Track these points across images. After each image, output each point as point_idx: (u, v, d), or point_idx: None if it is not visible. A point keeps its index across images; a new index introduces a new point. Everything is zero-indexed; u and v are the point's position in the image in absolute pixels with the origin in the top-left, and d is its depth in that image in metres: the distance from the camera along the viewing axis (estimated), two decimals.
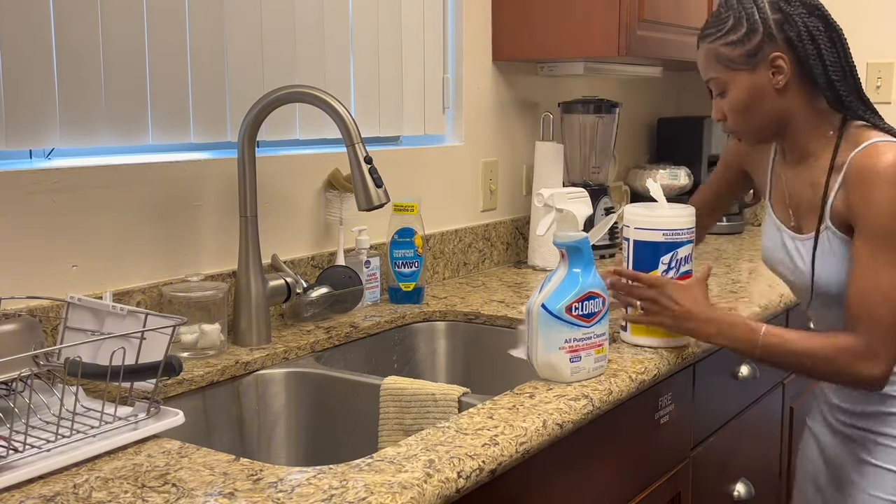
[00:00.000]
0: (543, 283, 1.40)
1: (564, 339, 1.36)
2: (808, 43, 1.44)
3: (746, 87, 1.48)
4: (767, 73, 1.46)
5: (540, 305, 1.37)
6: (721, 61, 1.49)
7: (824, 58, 1.44)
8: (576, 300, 1.37)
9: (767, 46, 1.45)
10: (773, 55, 1.45)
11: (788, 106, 1.49)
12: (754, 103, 1.49)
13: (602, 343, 1.41)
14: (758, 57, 1.46)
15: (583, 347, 1.38)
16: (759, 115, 1.50)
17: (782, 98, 1.48)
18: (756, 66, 1.47)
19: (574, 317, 1.37)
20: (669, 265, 1.55)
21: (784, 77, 1.46)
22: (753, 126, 1.52)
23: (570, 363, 1.37)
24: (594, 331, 1.39)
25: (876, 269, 1.39)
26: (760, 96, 1.48)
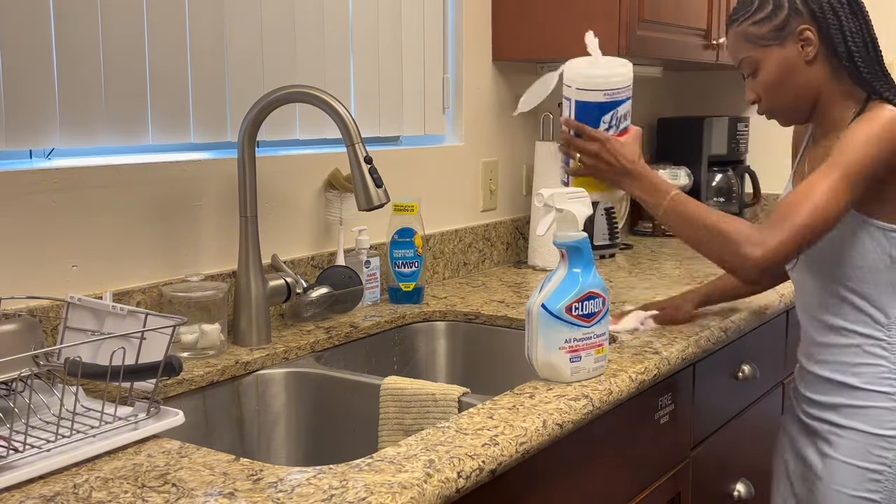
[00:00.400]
0: (543, 283, 1.40)
1: (564, 339, 1.36)
2: (829, 14, 1.49)
3: (777, 62, 1.52)
4: (796, 46, 1.51)
5: (540, 305, 1.37)
6: (750, 40, 1.54)
7: (844, 29, 1.49)
8: (576, 300, 1.36)
9: (794, 20, 1.50)
10: (800, 27, 1.50)
11: (818, 79, 1.52)
12: (786, 78, 1.53)
13: (602, 343, 1.41)
14: (785, 31, 1.51)
15: (583, 347, 1.38)
16: (792, 90, 1.53)
17: (812, 71, 1.52)
18: (785, 40, 1.51)
19: (574, 317, 1.36)
20: (610, 123, 1.61)
21: (813, 48, 1.50)
22: (787, 102, 1.55)
23: (570, 363, 1.37)
24: (594, 331, 1.39)
25: (815, 179, 1.41)
26: (791, 70, 1.52)
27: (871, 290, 1.51)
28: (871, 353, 1.52)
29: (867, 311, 1.52)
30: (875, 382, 1.52)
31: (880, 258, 1.49)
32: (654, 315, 1.72)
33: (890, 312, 1.51)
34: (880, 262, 1.49)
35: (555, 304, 1.36)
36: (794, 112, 1.58)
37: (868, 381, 1.52)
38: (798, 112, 1.58)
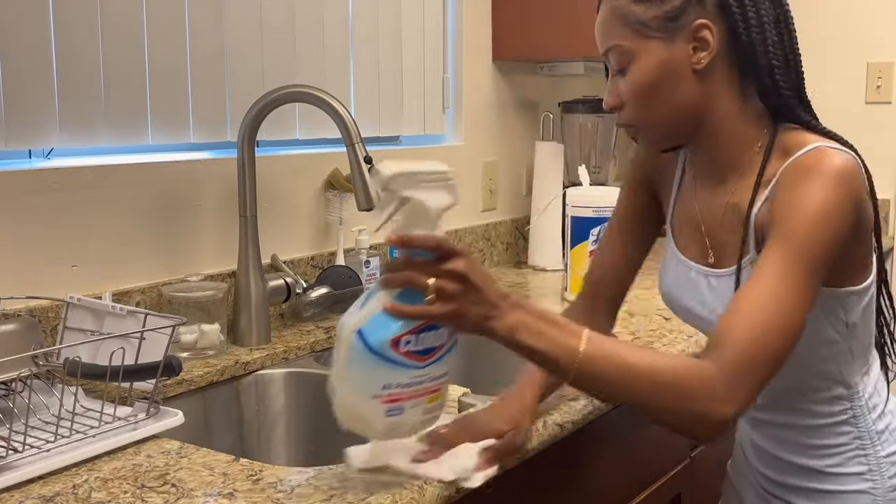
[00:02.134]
0: (369, 293, 0.97)
1: (382, 385, 0.94)
2: (750, 11, 1.10)
3: (657, 63, 1.10)
4: (687, 46, 1.10)
5: (355, 332, 0.94)
6: (629, 24, 1.11)
7: (767, 36, 1.10)
8: (409, 331, 0.94)
9: (693, 10, 1.09)
10: (697, 23, 1.09)
11: (709, 95, 1.12)
12: (664, 85, 1.11)
13: (439, 388, 1.00)
14: (678, 22, 1.09)
15: (409, 395, 0.96)
16: (669, 104, 1.13)
17: (702, 84, 1.12)
18: (674, 34, 1.10)
19: (403, 354, 0.94)
20: (598, 236, 1.70)
21: (708, 54, 1.10)
22: (659, 118, 1.14)
23: (385, 417, 0.96)
24: (430, 372, 0.97)
25: (771, 287, 1.02)
26: (674, 77, 1.11)
27: (831, 367, 1.20)
28: (839, 433, 1.23)
29: (830, 388, 1.22)
30: (844, 463, 1.23)
31: (834, 326, 1.17)
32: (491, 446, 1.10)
33: (851, 381, 1.21)
34: (835, 332, 1.17)
35: (377, 334, 0.93)
36: (666, 131, 1.17)
37: (838, 462, 1.23)
38: (672, 132, 1.17)
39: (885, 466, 1.24)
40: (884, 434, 1.24)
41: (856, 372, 1.22)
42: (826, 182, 1.05)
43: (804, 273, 1.03)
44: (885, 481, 1.23)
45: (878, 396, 1.25)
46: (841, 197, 1.05)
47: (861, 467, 1.23)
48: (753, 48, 1.10)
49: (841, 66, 3.04)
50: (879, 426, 1.24)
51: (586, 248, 1.95)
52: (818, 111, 1.18)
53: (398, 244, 0.98)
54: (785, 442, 1.27)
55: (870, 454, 1.23)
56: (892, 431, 1.25)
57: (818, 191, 1.05)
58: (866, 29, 2.99)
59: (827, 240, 1.04)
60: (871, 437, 1.23)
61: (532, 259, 2.44)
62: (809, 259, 1.03)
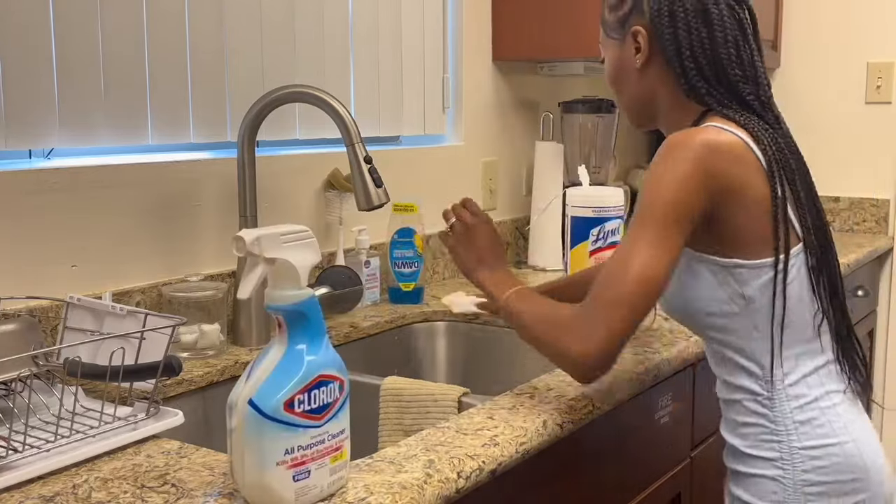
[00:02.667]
0: (252, 365, 0.99)
1: (284, 450, 0.95)
2: (665, 19, 1.26)
3: (613, 59, 1.35)
4: (631, 48, 1.31)
5: (246, 402, 0.95)
6: (603, 26, 1.37)
7: (680, 39, 1.25)
8: (300, 390, 0.96)
9: (635, 16, 1.29)
10: (633, 28, 1.29)
11: (650, 90, 1.32)
12: (620, 78, 1.35)
13: (341, 445, 1.01)
14: (625, 27, 1.31)
15: (312, 457, 0.97)
16: (626, 94, 1.36)
17: (644, 79, 1.31)
18: (624, 37, 1.32)
19: (298, 415, 0.95)
20: (598, 236, 1.74)
21: (642, 56, 1.29)
22: (624, 104, 1.38)
23: (293, 483, 0.96)
24: (328, 430, 0.98)
25: (629, 243, 1.19)
26: (624, 72, 1.33)
27: (735, 340, 1.27)
28: (751, 411, 1.28)
29: (740, 362, 1.28)
30: (757, 446, 1.28)
31: (731, 299, 1.24)
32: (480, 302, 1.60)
33: (763, 362, 1.26)
34: (734, 305, 1.24)
35: (268, 399, 0.94)
36: (634, 116, 1.38)
37: (751, 444, 1.29)
38: (637, 117, 1.38)
39: (798, 458, 1.25)
40: (804, 426, 1.25)
41: (764, 352, 1.25)
42: (672, 154, 1.20)
43: (652, 230, 1.17)
44: (797, 473, 1.25)
45: (805, 387, 1.26)
46: (682, 165, 1.18)
47: (772, 453, 1.27)
48: (668, 52, 1.27)
49: (841, 66, 3.04)
50: (800, 417, 1.25)
51: (586, 248, 1.94)
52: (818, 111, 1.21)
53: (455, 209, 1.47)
54: (724, 420, 1.35)
55: (783, 442, 1.26)
56: (817, 427, 1.25)
57: (661, 162, 1.20)
58: (866, 29, 2.99)
59: (668, 201, 1.17)
60: (786, 424, 1.26)
61: (532, 259, 2.44)
62: (653, 218, 1.18)
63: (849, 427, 1.27)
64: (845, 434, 1.26)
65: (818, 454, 1.25)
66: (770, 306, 1.23)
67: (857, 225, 3.07)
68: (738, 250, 1.22)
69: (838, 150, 3.05)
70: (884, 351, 3.05)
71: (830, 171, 3.05)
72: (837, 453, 1.25)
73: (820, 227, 1.28)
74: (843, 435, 1.26)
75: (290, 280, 0.99)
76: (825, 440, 1.25)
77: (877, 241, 2.89)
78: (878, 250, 2.87)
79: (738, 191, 1.20)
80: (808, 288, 1.25)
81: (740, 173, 1.20)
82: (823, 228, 1.29)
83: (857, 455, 1.26)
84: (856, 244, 2.81)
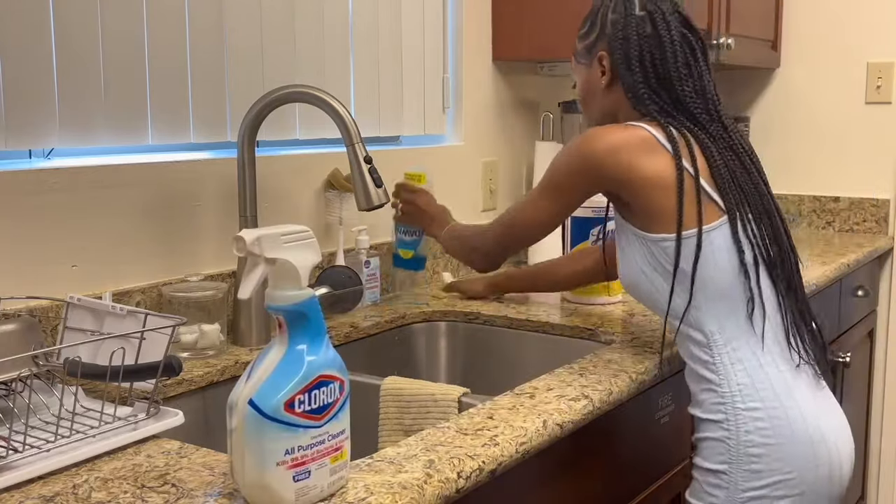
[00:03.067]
0: (253, 365, 0.99)
1: (284, 450, 0.95)
2: (620, 42, 1.45)
3: (583, 82, 1.55)
4: (597, 70, 1.50)
5: (247, 403, 0.95)
6: (575, 54, 1.57)
7: (631, 58, 1.44)
8: (300, 391, 0.96)
9: (599, 43, 1.50)
10: (599, 53, 1.49)
11: (615, 104, 1.50)
12: (589, 98, 1.54)
13: (341, 445, 1.01)
14: (591, 53, 1.51)
15: (312, 457, 0.97)
16: (595, 111, 1.55)
17: (609, 96, 1.50)
18: (591, 61, 1.51)
19: (298, 415, 0.96)
20: (598, 236, 1.88)
21: (606, 77, 1.49)
22: (594, 121, 1.55)
23: (293, 483, 0.96)
24: (328, 430, 0.99)
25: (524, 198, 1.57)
26: (592, 92, 1.53)
27: (676, 307, 1.39)
28: (702, 378, 1.40)
29: (685, 331, 1.40)
30: (708, 409, 1.39)
31: (665, 269, 1.39)
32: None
33: (706, 330, 1.38)
34: (668, 275, 1.39)
35: (268, 399, 0.95)
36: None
37: (704, 409, 1.39)
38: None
39: (742, 419, 1.35)
40: (748, 389, 1.35)
41: (707, 321, 1.38)
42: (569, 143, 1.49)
43: (538, 192, 1.53)
44: (741, 434, 1.34)
45: (749, 352, 1.36)
46: (571, 150, 1.47)
47: (719, 415, 1.37)
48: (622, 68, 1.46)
49: (841, 66, 3.04)
50: (744, 379, 1.35)
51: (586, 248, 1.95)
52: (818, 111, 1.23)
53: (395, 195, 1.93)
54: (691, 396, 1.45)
55: (727, 404, 1.36)
56: (761, 390, 1.34)
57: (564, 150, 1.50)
58: (866, 29, 2.99)
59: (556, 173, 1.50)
60: (731, 387, 1.36)
61: (532, 259, 2.44)
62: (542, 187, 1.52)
63: (795, 394, 1.35)
64: (790, 400, 1.34)
65: (760, 416, 1.34)
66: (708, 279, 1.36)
67: (857, 225, 3.07)
68: (661, 224, 1.38)
69: (838, 150, 3.05)
70: (884, 351, 3.05)
71: (830, 171, 3.05)
72: (780, 416, 1.33)
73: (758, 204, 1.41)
74: (787, 400, 1.34)
75: (291, 280, 0.99)
76: (767, 402, 1.34)
77: (877, 241, 2.89)
78: (878, 250, 2.87)
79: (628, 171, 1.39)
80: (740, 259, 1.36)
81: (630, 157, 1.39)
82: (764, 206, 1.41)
83: (800, 421, 1.33)
84: (856, 244, 2.81)
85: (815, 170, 3.09)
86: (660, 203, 1.38)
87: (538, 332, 1.83)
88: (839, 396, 2.66)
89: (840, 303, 2.63)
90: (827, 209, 3.08)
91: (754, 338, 1.37)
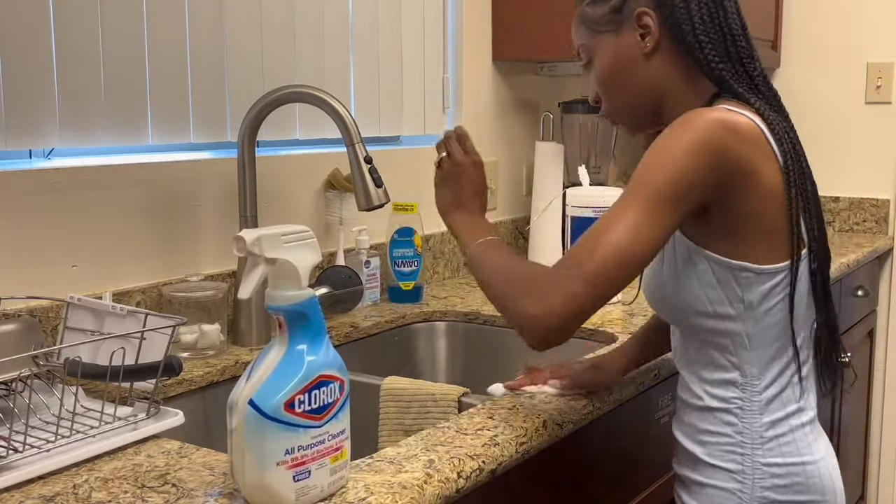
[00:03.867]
0: (253, 365, 0.99)
1: (284, 450, 0.95)
2: None
3: (611, 53, 1.24)
4: (634, 34, 1.22)
5: (247, 402, 0.95)
6: (587, 23, 1.27)
7: (693, 13, 1.19)
8: (300, 391, 0.96)
9: (633, 1, 1.22)
10: (638, 11, 1.21)
11: (661, 76, 1.23)
12: (622, 72, 1.24)
13: (341, 445, 1.01)
14: (622, 14, 1.23)
15: (312, 457, 0.97)
16: (629, 88, 1.25)
17: (653, 66, 1.22)
18: (621, 25, 1.23)
19: (298, 415, 0.95)
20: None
21: (652, 38, 1.21)
22: (625, 102, 1.27)
23: (293, 483, 0.96)
24: (328, 430, 0.98)
25: (615, 211, 1.11)
26: (628, 63, 1.23)
27: (722, 342, 1.21)
28: (719, 420, 1.23)
29: (721, 366, 1.22)
30: (718, 455, 1.23)
31: (730, 301, 1.18)
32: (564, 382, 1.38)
33: (747, 370, 1.20)
34: (730, 307, 1.18)
35: (268, 399, 0.95)
36: (635, 116, 1.28)
37: (711, 452, 1.24)
38: (640, 116, 1.28)
39: (760, 473, 1.21)
40: (772, 442, 1.21)
41: (753, 362, 1.20)
42: (675, 129, 1.12)
43: (638, 202, 1.09)
44: (756, 489, 1.21)
45: (780, 402, 1.21)
46: (686, 139, 1.10)
47: (734, 465, 1.22)
48: (681, 27, 1.19)
49: (841, 66, 3.04)
50: (769, 433, 1.21)
51: None
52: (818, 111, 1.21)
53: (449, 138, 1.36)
54: (682, 424, 1.29)
55: (747, 454, 1.21)
56: (784, 444, 1.21)
57: (668, 134, 1.12)
58: (866, 29, 2.99)
59: (668, 174, 1.09)
60: (753, 437, 1.21)
61: (532, 259, 2.44)
62: (646, 190, 1.09)
63: (813, 447, 1.23)
64: (810, 454, 1.22)
65: (780, 472, 1.21)
66: (770, 319, 1.18)
67: (857, 225, 3.07)
68: (744, 252, 1.16)
69: (838, 150, 3.05)
70: (884, 351, 3.05)
71: (830, 171, 3.05)
72: (799, 473, 1.21)
73: (823, 231, 1.23)
74: (807, 455, 1.22)
75: (291, 280, 0.99)
76: (790, 458, 1.21)
77: (877, 241, 2.89)
78: (878, 250, 2.87)
79: (751, 175, 1.13)
80: (808, 298, 1.21)
81: (754, 158, 1.13)
82: (824, 233, 1.24)
83: (817, 476, 1.22)
84: (856, 244, 2.81)
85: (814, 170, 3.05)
86: (759, 212, 1.14)
87: None
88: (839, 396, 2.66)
89: (840, 303, 2.63)
90: (827, 209, 3.08)
91: (787, 384, 1.21)
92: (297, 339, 0.98)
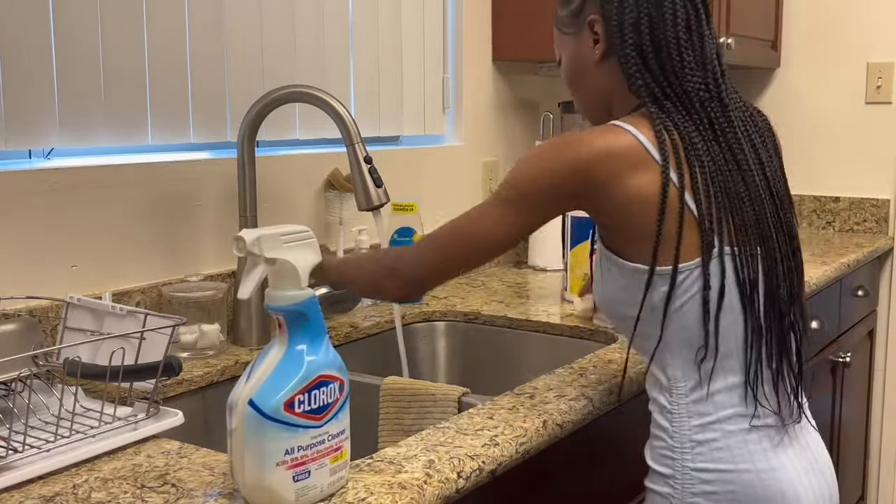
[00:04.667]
0: (252, 365, 0.99)
1: (284, 450, 0.95)
2: (615, 5, 1.19)
3: (570, 55, 1.27)
4: (589, 40, 1.23)
5: (246, 402, 0.95)
6: (556, 24, 1.30)
7: (624, 25, 1.18)
8: (300, 391, 0.96)
9: (588, 6, 1.22)
10: (590, 18, 1.22)
11: (609, 85, 1.23)
12: (578, 74, 1.27)
13: (341, 445, 1.01)
14: (580, 18, 1.24)
15: (312, 457, 0.97)
16: (585, 90, 1.28)
17: (601, 72, 1.24)
18: (579, 29, 1.24)
19: (298, 415, 0.95)
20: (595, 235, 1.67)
21: (600, 46, 1.22)
22: (583, 102, 1.30)
23: (293, 483, 0.96)
24: (328, 430, 0.98)
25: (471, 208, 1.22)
26: (583, 66, 1.26)
27: (647, 344, 1.21)
28: (656, 423, 1.23)
29: (651, 370, 1.23)
30: (656, 459, 1.22)
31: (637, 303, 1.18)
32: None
33: (670, 373, 1.20)
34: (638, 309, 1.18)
35: (268, 399, 0.94)
36: (592, 116, 1.30)
37: (653, 456, 1.24)
38: (598, 114, 1.28)
39: (689, 479, 1.19)
40: (701, 447, 1.18)
41: (676, 365, 1.19)
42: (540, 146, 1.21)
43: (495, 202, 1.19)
44: (686, 495, 1.19)
45: (711, 405, 1.18)
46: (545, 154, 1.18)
47: (667, 469, 1.21)
48: (614, 39, 1.20)
49: (841, 66, 3.04)
50: (698, 437, 1.18)
51: (586, 248, 1.94)
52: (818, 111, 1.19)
53: None
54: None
55: (677, 460, 1.20)
56: (715, 450, 1.18)
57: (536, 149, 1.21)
58: (866, 29, 2.99)
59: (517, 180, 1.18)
60: (682, 441, 1.20)
61: (532, 259, 2.44)
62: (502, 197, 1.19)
63: (755, 456, 1.17)
64: (747, 463, 1.17)
65: (710, 478, 1.18)
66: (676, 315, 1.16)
67: (857, 225, 3.07)
68: (634, 252, 1.16)
69: (838, 150, 3.05)
70: (884, 351, 3.05)
71: (830, 171, 3.05)
72: (732, 481, 1.17)
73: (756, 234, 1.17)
74: (743, 463, 1.17)
75: (291, 280, 0.99)
76: (720, 465, 1.17)
77: (877, 241, 2.89)
78: (878, 250, 2.87)
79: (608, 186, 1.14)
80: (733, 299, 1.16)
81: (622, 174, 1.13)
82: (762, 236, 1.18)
83: (756, 487, 1.17)
84: (856, 244, 2.81)
85: (814, 170, 3.08)
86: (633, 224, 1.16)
87: (538, 332, 1.83)
88: (839, 396, 2.66)
89: (840, 303, 2.63)
90: (827, 209, 3.07)
91: (722, 388, 1.18)
92: (296, 339, 0.98)
